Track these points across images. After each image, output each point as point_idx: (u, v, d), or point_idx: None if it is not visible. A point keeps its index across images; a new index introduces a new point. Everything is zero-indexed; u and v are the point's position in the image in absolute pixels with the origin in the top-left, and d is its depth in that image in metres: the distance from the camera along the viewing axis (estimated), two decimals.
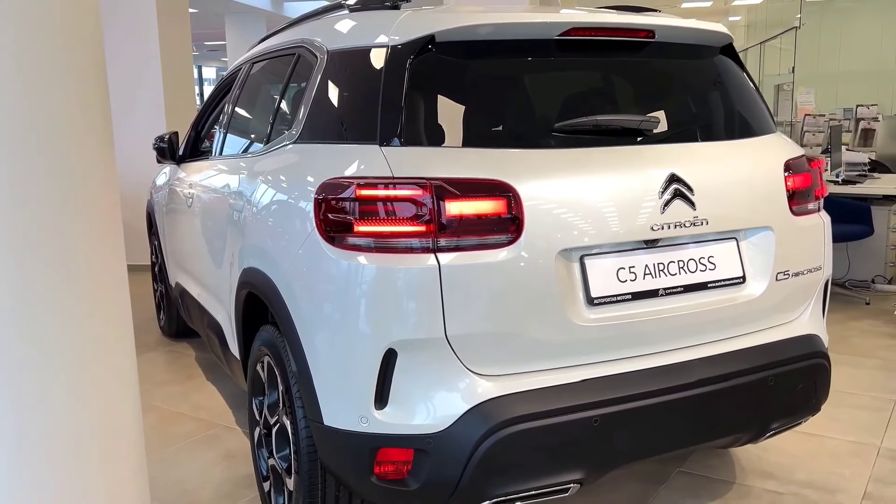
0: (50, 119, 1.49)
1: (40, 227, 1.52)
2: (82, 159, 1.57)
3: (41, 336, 1.55)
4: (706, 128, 2.54)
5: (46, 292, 1.56)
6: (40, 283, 1.54)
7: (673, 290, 2.26)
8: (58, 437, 1.60)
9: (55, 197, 1.54)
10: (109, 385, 1.72)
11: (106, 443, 1.70)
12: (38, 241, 1.53)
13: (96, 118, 1.57)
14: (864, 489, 2.97)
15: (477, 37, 2.23)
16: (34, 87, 1.45)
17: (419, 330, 2.02)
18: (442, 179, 2.02)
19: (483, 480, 2.05)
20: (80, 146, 1.56)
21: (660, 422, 2.23)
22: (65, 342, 1.61)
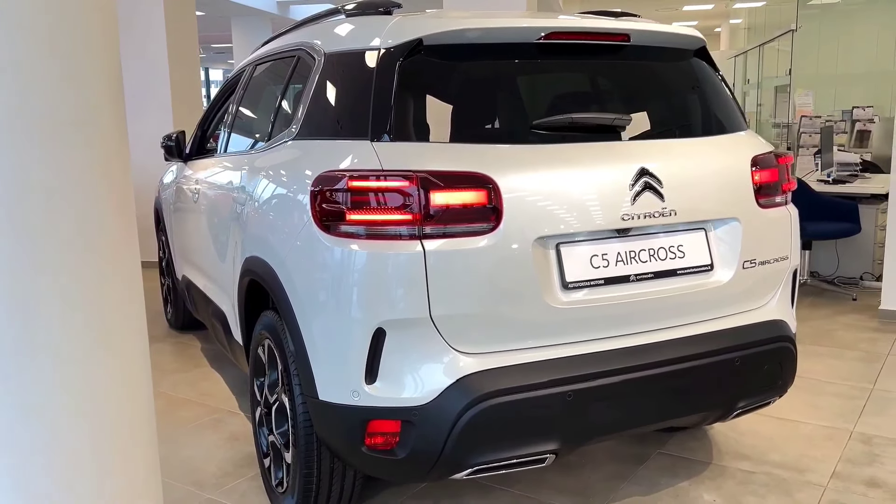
0: (68, 118, 1.59)
1: (60, 225, 1.60)
2: (100, 158, 1.67)
3: (60, 330, 1.62)
4: (678, 125, 2.71)
5: (64, 293, 1.63)
6: (59, 282, 1.61)
7: (644, 276, 2.43)
8: (74, 430, 1.69)
9: (75, 193, 1.63)
10: (124, 377, 1.81)
11: (121, 433, 1.80)
12: (57, 239, 1.60)
13: (112, 118, 1.68)
14: (833, 469, 3.13)
15: (462, 40, 2.40)
16: (57, 89, 1.55)
17: (406, 311, 2.19)
18: (427, 172, 2.20)
19: (464, 450, 2.22)
20: (98, 144, 1.66)
21: (630, 398, 2.40)
22: (82, 337, 1.68)
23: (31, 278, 1.54)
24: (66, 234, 1.60)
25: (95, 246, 1.67)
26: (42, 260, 1.56)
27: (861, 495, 2.92)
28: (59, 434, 1.61)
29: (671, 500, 2.91)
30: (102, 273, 1.69)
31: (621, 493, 2.96)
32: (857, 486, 2.99)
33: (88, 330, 1.66)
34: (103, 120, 1.64)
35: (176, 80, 7.56)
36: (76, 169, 1.61)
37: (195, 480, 3.14)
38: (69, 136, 1.58)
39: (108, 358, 1.72)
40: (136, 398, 1.82)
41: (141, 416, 1.87)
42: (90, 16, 1.59)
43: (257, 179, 2.90)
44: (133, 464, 1.84)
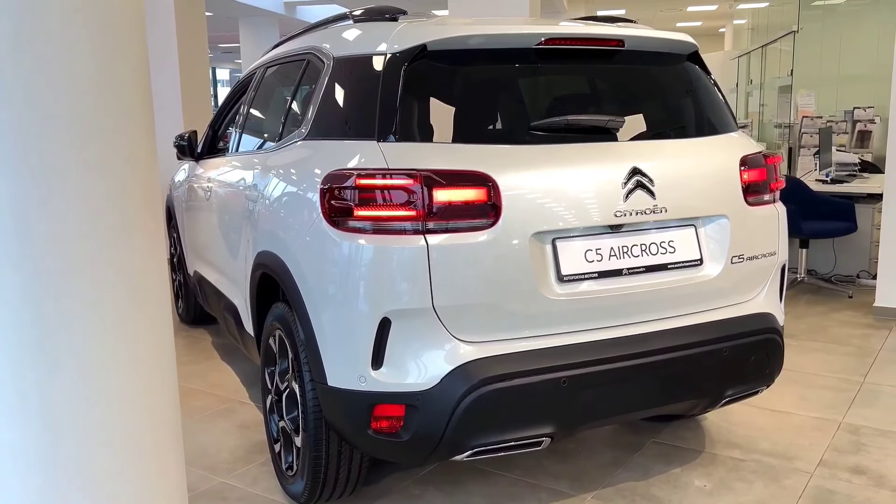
0: (101, 120, 1.69)
1: (92, 226, 1.70)
2: (131, 158, 1.76)
3: (87, 331, 1.72)
4: (670, 127, 2.84)
5: (95, 292, 1.72)
6: (90, 283, 1.71)
7: (635, 270, 2.56)
8: (105, 430, 1.80)
9: (103, 193, 1.71)
10: (151, 377, 1.95)
11: (149, 431, 1.92)
12: (87, 240, 1.69)
13: (141, 118, 1.78)
14: (820, 457, 3.25)
15: (464, 46, 2.54)
16: (91, 92, 1.65)
17: (410, 301, 2.33)
18: (430, 170, 2.33)
19: (464, 433, 2.36)
20: (128, 145, 1.75)
21: (621, 385, 2.53)
22: (110, 339, 1.77)
23: (60, 283, 1.64)
24: (98, 239, 1.70)
25: (127, 248, 1.76)
26: (72, 265, 1.66)
27: (846, 481, 3.04)
28: (87, 447, 1.74)
29: (664, 485, 3.04)
30: (134, 281, 1.79)
31: (616, 478, 3.09)
32: (843, 472, 3.11)
33: (119, 341, 1.78)
34: (134, 123, 1.75)
35: (186, 80, 7.71)
36: (110, 174, 1.70)
37: (208, 465, 3.28)
38: (102, 139, 1.69)
39: (136, 369, 1.84)
40: (162, 406, 1.93)
41: (167, 424, 1.97)
42: (122, 20, 1.70)
43: (268, 178, 3.04)
44: (159, 471, 1.96)
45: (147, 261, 1.84)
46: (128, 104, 1.72)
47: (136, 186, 1.78)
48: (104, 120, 1.68)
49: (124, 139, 1.73)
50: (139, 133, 1.78)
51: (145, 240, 1.83)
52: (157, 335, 1.90)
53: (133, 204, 1.78)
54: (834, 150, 7.63)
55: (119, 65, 1.69)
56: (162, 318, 1.91)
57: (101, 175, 1.69)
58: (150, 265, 1.86)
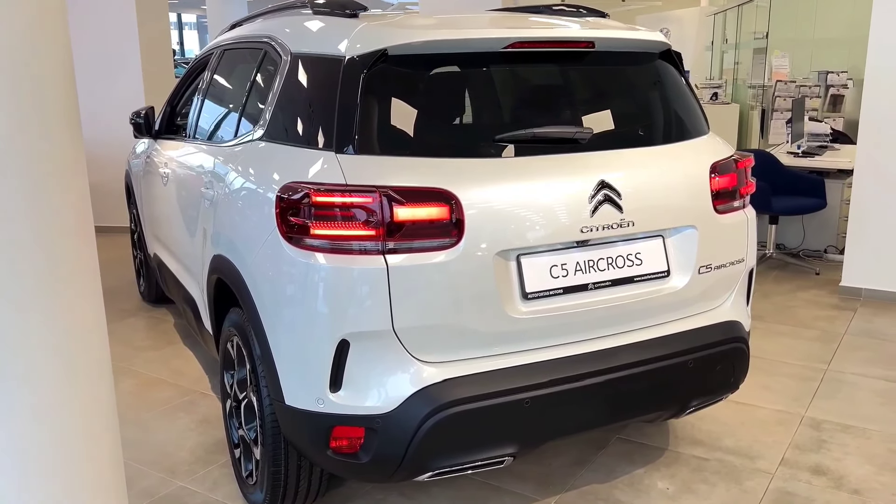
0: (20, 101, 1.46)
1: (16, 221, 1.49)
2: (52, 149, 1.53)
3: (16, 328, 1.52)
4: (640, 134, 2.75)
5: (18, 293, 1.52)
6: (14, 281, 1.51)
7: (601, 284, 2.51)
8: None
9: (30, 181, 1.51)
10: (84, 376, 1.72)
11: (82, 431, 1.72)
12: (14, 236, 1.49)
13: (63, 100, 1.55)
14: (781, 456, 3.27)
15: (427, 51, 2.41)
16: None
17: (369, 323, 2.25)
18: (390, 188, 2.23)
19: (426, 455, 2.31)
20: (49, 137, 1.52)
21: (585, 402, 2.50)
22: (39, 335, 1.57)
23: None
24: (22, 229, 1.51)
25: (53, 244, 1.57)
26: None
27: (806, 483, 3.07)
28: (19, 436, 1.56)
29: (627, 487, 3.04)
30: (60, 274, 1.59)
31: (580, 480, 3.09)
32: (803, 473, 3.14)
33: (47, 331, 1.58)
34: (58, 129, 1.55)
35: (145, 37, 7.42)
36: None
37: (167, 467, 3.22)
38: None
39: (68, 360, 1.64)
40: (97, 398, 1.77)
41: (102, 414, 1.80)
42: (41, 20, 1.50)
43: (225, 176, 2.92)
44: (96, 462, 1.78)
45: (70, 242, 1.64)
46: (50, 109, 1.51)
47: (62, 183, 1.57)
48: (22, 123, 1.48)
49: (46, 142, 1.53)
50: (62, 113, 1.55)
51: (70, 219, 1.63)
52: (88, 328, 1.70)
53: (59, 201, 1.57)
54: (806, 120, 7.59)
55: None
56: (94, 311, 1.71)
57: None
58: (77, 259, 1.66)
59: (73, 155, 1.57)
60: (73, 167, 1.58)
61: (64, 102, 1.52)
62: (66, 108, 1.52)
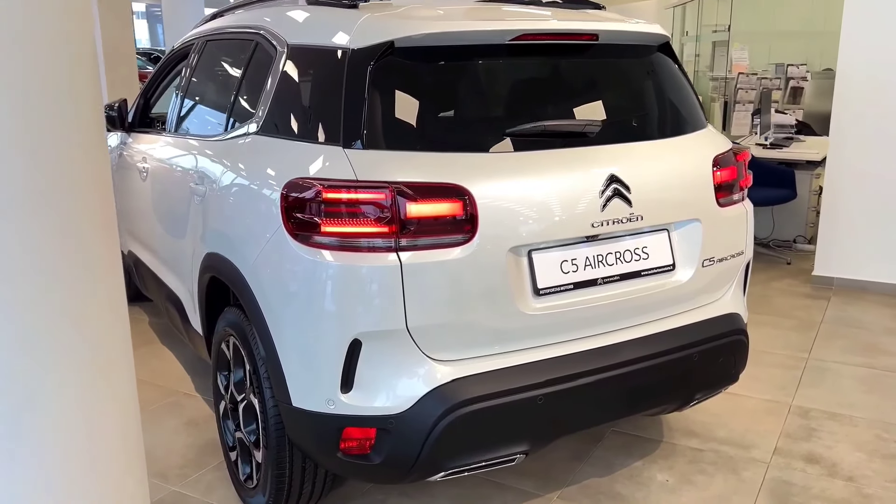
0: (45, 107, 1.42)
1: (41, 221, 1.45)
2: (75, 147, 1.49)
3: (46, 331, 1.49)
4: (644, 127, 2.74)
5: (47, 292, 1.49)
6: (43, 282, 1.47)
7: (610, 279, 2.49)
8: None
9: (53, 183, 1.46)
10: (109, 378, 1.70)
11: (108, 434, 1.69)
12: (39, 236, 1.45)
13: (89, 104, 1.50)
14: (774, 445, 3.32)
15: (434, 43, 2.36)
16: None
17: (382, 322, 2.20)
18: (403, 183, 2.18)
19: (439, 455, 2.27)
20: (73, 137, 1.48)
21: (596, 397, 2.48)
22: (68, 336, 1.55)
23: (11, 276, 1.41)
24: (46, 227, 1.46)
25: (77, 243, 1.53)
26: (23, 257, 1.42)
27: (801, 471, 3.11)
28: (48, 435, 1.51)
29: (627, 481, 3.04)
30: (84, 270, 1.55)
31: (580, 475, 3.08)
32: (798, 461, 3.18)
33: (73, 331, 1.54)
34: (79, 107, 1.47)
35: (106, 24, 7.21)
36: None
37: (158, 472, 3.12)
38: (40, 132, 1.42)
39: (94, 359, 1.60)
40: (121, 398, 1.70)
41: (127, 416, 1.75)
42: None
43: (218, 172, 2.83)
44: (119, 466, 1.74)
45: (99, 253, 1.61)
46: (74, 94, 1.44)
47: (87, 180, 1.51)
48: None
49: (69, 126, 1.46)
50: (87, 113, 1.50)
51: (101, 231, 1.59)
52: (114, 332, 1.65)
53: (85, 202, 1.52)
54: (773, 112, 7.72)
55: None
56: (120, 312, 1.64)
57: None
58: (101, 258, 1.63)
59: (99, 151, 1.51)
60: (100, 161, 1.52)
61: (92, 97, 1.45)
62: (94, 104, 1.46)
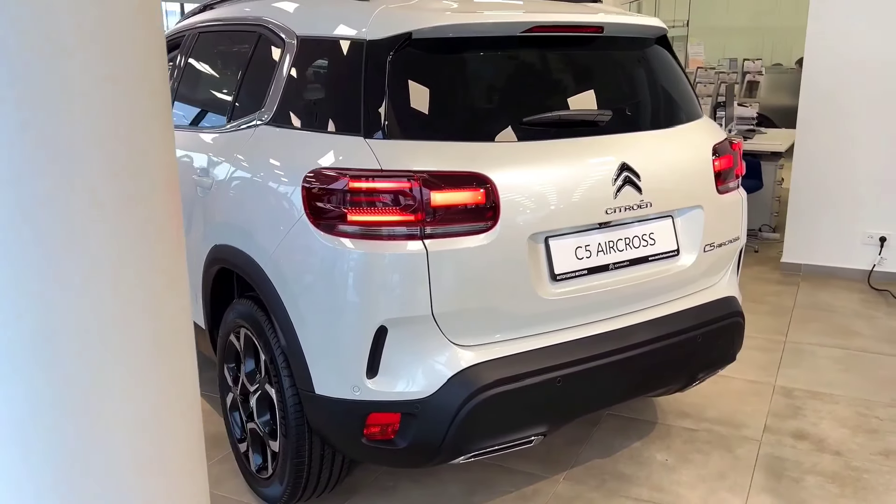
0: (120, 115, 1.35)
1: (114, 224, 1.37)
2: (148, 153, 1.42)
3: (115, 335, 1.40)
4: (648, 117, 2.83)
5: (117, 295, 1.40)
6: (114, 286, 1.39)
7: (620, 264, 2.57)
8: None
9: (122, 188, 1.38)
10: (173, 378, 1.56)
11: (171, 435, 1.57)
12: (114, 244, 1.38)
13: (159, 107, 1.45)
14: (763, 423, 3.45)
15: (450, 34, 2.40)
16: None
17: (409, 309, 2.24)
18: (428, 172, 2.22)
19: (464, 438, 2.33)
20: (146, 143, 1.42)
21: (610, 379, 2.57)
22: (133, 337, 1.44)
23: (82, 282, 1.34)
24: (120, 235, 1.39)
25: (146, 249, 1.45)
26: (94, 262, 1.35)
27: (791, 447, 3.25)
28: (106, 435, 1.43)
29: (628, 461, 3.14)
30: (151, 268, 1.46)
31: (582, 457, 3.17)
32: (787, 438, 3.32)
33: (142, 332, 1.46)
34: (150, 114, 1.43)
35: None
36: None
37: None
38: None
39: (160, 360, 1.51)
40: (186, 400, 1.68)
41: (190, 418, 1.71)
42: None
43: (226, 163, 2.82)
44: (179, 466, 1.68)
45: (164, 239, 1.51)
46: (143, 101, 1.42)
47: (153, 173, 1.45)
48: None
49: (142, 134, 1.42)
50: (157, 121, 1.45)
51: (163, 217, 1.51)
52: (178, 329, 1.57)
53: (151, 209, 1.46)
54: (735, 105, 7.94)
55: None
56: (183, 306, 1.61)
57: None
58: (167, 245, 1.52)
59: (168, 151, 1.50)
60: (170, 156, 1.51)
61: (162, 95, 1.45)
62: (163, 102, 1.46)
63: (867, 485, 2.98)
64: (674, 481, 3.01)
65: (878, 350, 4.27)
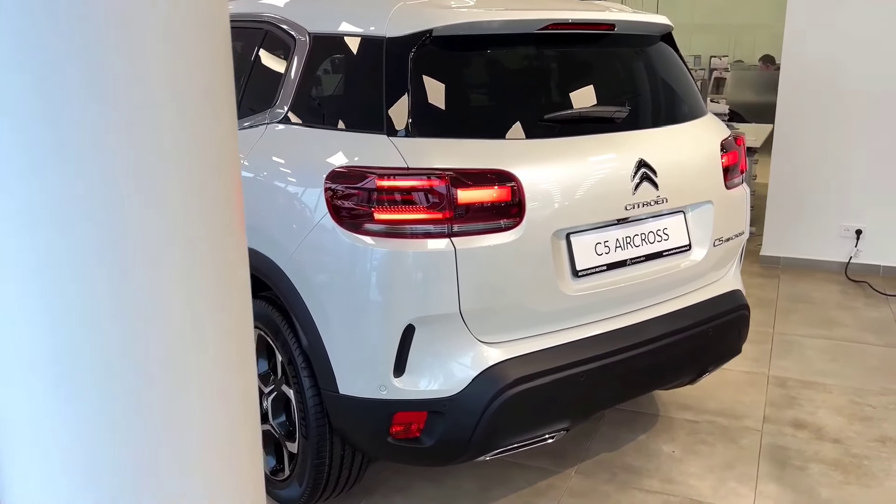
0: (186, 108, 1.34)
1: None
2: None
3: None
4: (659, 113, 2.87)
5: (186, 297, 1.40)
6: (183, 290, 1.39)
7: (637, 260, 2.61)
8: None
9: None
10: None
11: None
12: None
13: (224, 102, 1.42)
14: (762, 414, 3.53)
15: (469, 31, 2.40)
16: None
17: (437, 307, 2.24)
18: (455, 170, 2.22)
19: (491, 435, 2.33)
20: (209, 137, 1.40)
21: (629, 373, 2.60)
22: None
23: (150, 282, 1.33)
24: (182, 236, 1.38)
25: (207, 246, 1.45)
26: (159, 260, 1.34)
27: (791, 436, 3.32)
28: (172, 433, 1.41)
29: (636, 454, 3.18)
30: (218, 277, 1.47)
31: (591, 451, 3.20)
32: (787, 428, 3.39)
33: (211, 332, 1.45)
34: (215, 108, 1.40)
35: None
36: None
37: None
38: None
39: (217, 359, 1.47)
40: (251, 403, 1.64)
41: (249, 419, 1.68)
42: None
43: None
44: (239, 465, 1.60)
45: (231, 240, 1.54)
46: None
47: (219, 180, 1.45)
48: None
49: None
50: (222, 117, 1.44)
51: (233, 222, 1.55)
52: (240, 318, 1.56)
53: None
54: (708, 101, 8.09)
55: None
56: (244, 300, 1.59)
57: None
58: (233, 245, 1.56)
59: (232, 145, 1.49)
60: (234, 158, 1.50)
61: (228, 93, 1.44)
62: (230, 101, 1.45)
63: (868, 471, 3.06)
64: (683, 472, 3.05)
65: (862, 340, 4.39)
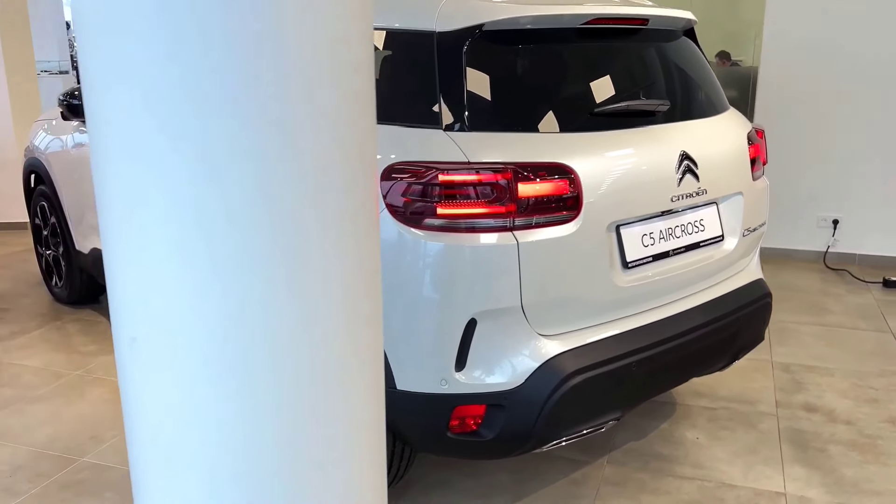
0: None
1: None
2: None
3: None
4: (693, 106, 2.92)
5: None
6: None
7: (678, 251, 2.66)
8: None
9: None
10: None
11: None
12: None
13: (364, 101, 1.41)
14: (774, 399, 3.63)
15: (518, 26, 2.42)
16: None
17: (499, 300, 2.24)
18: (516, 164, 2.23)
19: (551, 426, 2.35)
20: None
21: (675, 361, 2.65)
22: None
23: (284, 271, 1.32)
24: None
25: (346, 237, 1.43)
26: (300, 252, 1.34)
27: (806, 419, 3.43)
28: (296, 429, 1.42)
29: (663, 442, 3.24)
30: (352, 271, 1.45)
31: (618, 440, 3.25)
32: (800, 411, 3.50)
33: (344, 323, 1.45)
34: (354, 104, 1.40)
35: None
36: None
37: None
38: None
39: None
40: (379, 399, 1.62)
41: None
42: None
43: None
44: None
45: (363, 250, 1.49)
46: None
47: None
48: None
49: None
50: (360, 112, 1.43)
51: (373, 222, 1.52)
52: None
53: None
54: None
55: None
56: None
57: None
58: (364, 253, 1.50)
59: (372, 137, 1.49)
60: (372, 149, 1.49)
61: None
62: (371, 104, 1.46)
63: (884, 451, 3.18)
64: (711, 457, 3.12)
65: (853, 325, 4.55)
